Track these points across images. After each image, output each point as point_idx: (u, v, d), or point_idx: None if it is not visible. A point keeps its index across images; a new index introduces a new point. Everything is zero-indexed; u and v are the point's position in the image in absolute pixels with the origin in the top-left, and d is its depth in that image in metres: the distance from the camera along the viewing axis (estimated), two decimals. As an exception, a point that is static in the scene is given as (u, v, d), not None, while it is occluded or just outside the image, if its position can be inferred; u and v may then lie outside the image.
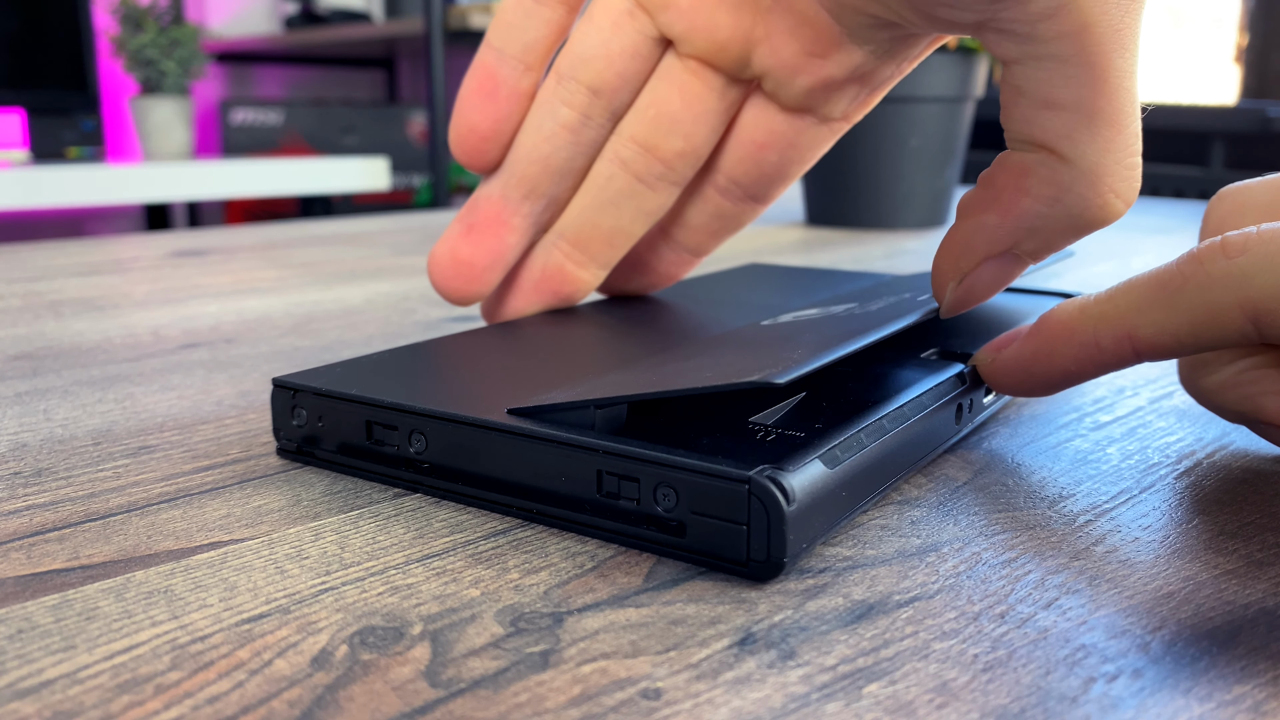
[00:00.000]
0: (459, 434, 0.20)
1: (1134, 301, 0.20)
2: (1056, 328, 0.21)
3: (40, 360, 0.32)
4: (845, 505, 0.19)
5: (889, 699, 0.14)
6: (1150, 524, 0.20)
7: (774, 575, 0.17)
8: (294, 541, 0.19)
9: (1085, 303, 0.21)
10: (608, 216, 0.28)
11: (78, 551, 0.18)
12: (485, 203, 0.28)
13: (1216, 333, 0.19)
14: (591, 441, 0.19)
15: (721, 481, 0.17)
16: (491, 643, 0.15)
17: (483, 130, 0.27)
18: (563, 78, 0.27)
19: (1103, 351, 0.21)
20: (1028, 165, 0.21)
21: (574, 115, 0.27)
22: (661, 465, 0.18)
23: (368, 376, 0.23)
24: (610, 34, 0.27)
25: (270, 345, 0.35)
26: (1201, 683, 0.14)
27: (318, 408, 0.22)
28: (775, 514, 0.17)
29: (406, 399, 0.21)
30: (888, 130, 0.66)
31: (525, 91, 0.27)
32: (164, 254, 0.56)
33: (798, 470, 0.17)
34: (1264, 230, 0.19)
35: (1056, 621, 0.16)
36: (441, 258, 0.28)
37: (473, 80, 0.27)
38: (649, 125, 0.27)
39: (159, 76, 1.84)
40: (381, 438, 0.21)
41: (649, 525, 0.18)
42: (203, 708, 0.14)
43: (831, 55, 0.25)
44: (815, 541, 0.18)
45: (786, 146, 0.28)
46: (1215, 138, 1.78)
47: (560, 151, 0.27)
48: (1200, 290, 0.19)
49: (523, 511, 0.20)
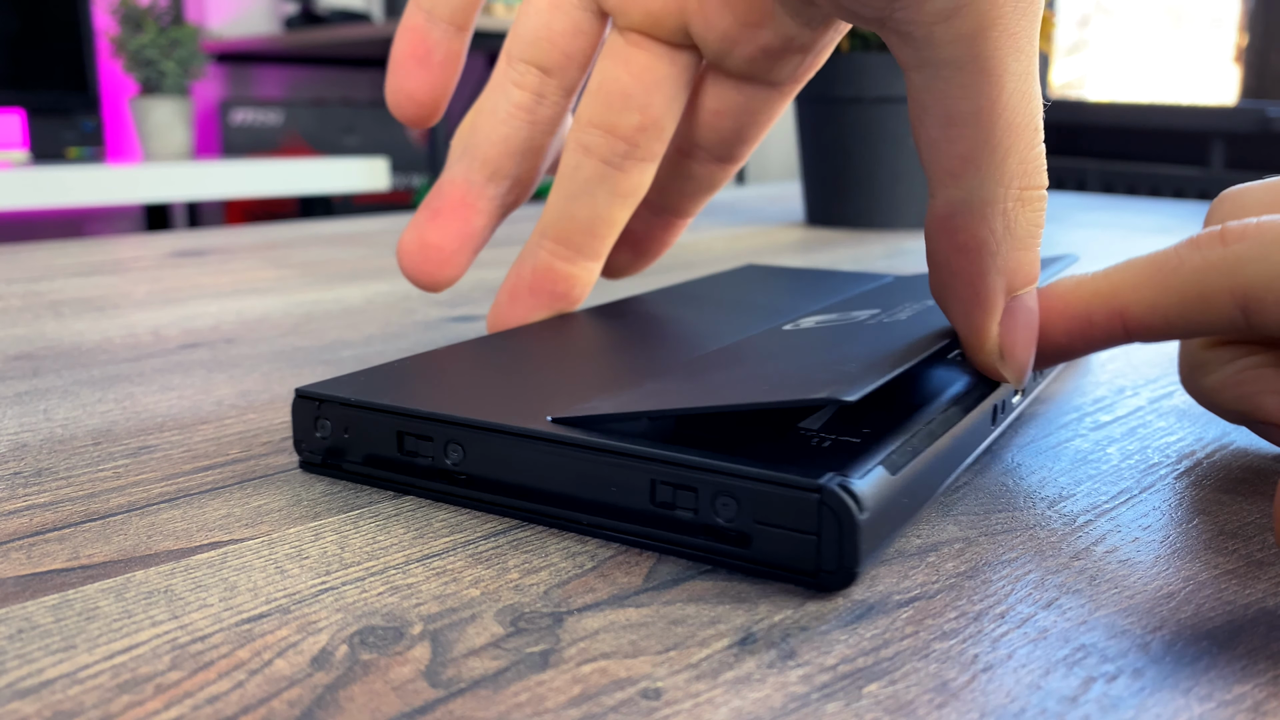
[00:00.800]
0: (500, 444, 0.19)
1: (1129, 279, 0.20)
2: (1052, 300, 0.21)
3: (40, 360, 0.32)
4: (908, 511, 0.18)
5: (889, 699, 0.14)
6: (1150, 524, 0.20)
7: (845, 585, 0.17)
8: (294, 541, 0.19)
9: (1082, 278, 0.21)
10: (583, 207, 0.28)
11: (78, 551, 0.18)
12: (449, 187, 0.28)
13: (1206, 317, 0.19)
14: (646, 450, 0.18)
15: (790, 490, 0.17)
16: (491, 643, 0.15)
17: (420, 97, 0.28)
18: (512, 59, 0.27)
19: (1094, 326, 0.21)
20: (954, 221, 0.20)
21: (527, 96, 0.27)
22: (723, 474, 0.17)
23: (395, 385, 0.22)
24: (550, 14, 0.27)
25: (270, 345, 0.35)
26: (1201, 683, 0.14)
27: (344, 418, 0.21)
28: (848, 523, 0.16)
29: (442, 408, 0.20)
30: (887, 130, 0.66)
31: (457, 52, 0.28)
32: (164, 254, 0.56)
33: (865, 477, 0.17)
34: (1264, 221, 0.19)
35: (1056, 621, 0.16)
36: (410, 244, 0.28)
37: (405, 44, 0.28)
38: (603, 105, 0.27)
39: (159, 77, 1.84)
40: (414, 449, 0.21)
41: (707, 535, 0.18)
42: (203, 708, 0.14)
43: (766, 25, 0.26)
44: (882, 550, 0.18)
45: (741, 113, 0.28)
46: (1215, 138, 1.78)
47: (519, 132, 0.27)
48: (1194, 273, 0.19)
49: (570, 524, 0.19)
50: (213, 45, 2.09)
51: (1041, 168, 0.20)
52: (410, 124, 0.28)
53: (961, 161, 0.20)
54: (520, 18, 0.27)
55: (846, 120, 0.66)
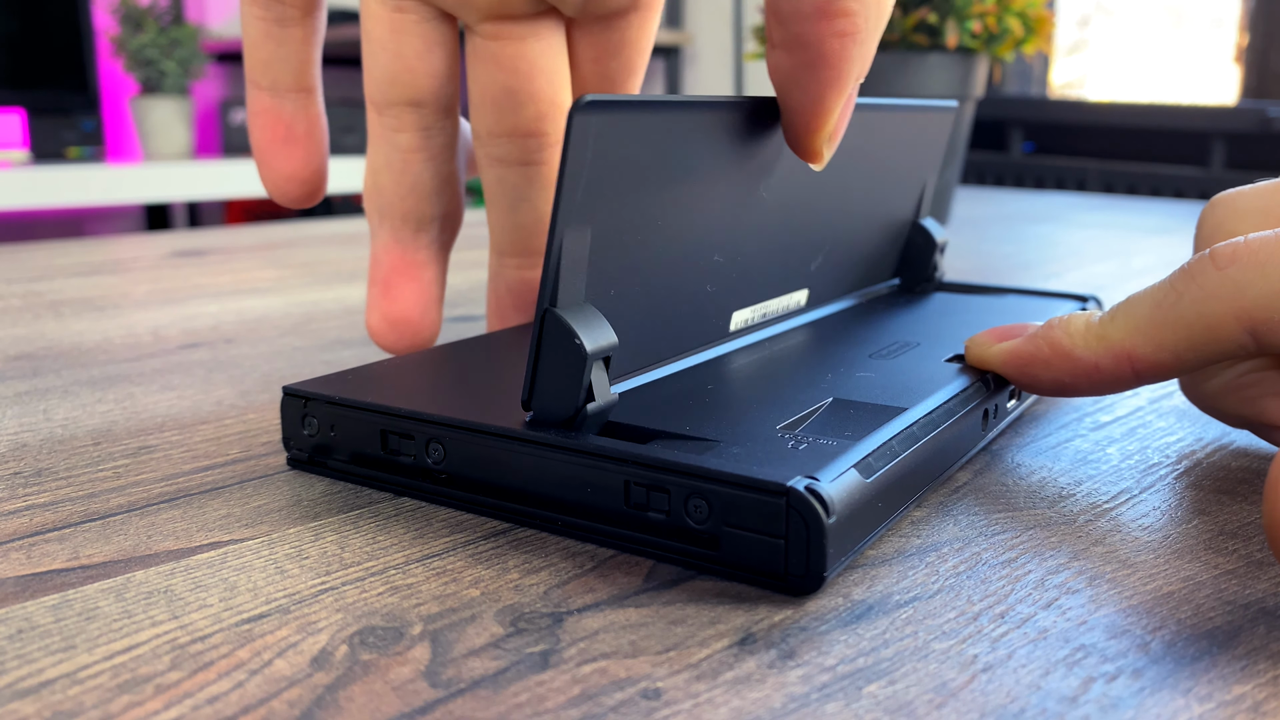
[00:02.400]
0: (479, 444, 0.20)
1: (1132, 322, 0.20)
2: (1061, 343, 0.21)
3: (40, 360, 0.32)
4: (882, 515, 0.18)
5: (889, 699, 0.14)
6: (1150, 524, 0.20)
7: (813, 589, 0.17)
8: (294, 541, 0.19)
9: (1089, 323, 0.21)
10: (524, 213, 0.27)
11: (78, 551, 0.18)
12: (385, 255, 0.27)
13: (1215, 346, 0.19)
14: (619, 450, 0.18)
15: (757, 493, 0.17)
16: (491, 643, 0.15)
17: (301, 174, 0.27)
18: (381, 107, 0.26)
19: (1101, 371, 0.21)
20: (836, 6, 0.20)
21: (413, 137, 0.26)
22: (694, 476, 0.17)
23: (381, 384, 0.22)
24: (396, 42, 0.25)
25: (270, 345, 0.35)
26: (1201, 683, 0.14)
27: (330, 416, 0.22)
28: (815, 527, 0.16)
29: (423, 407, 0.20)
30: (888, 130, 0.65)
31: (316, 116, 0.27)
32: (164, 254, 0.56)
33: (835, 481, 0.17)
34: (1252, 240, 0.19)
35: (1056, 621, 0.16)
36: (377, 325, 0.27)
37: (264, 130, 0.27)
38: (494, 112, 0.26)
39: (159, 76, 1.84)
40: (397, 447, 0.21)
41: (679, 538, 0.18)
42: (203, 708, 0.14)
43: None
44: (854, 554, 0.18)
45: (620, 47, 0.27)
46: (1215, 138, 1.78)
47: (423, 173, 0.27)
48: (1195, 305, 0.19)
49: (547, 524, 0.19)
50: (213, 45, 2.09)
51: None
52: (299, 204, 0.28)
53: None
54: (369, 59, 0.26)
55: (846, 120, 0.66)
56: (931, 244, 0.32)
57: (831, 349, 0.25)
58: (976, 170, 1.94)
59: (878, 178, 0.29)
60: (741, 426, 0.19)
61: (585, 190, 0.18)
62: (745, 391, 0.22)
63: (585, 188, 0.18)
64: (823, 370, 0.23)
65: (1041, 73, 2.14)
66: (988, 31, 0.63)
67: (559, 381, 0.19)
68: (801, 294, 0.28)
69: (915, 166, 0.31)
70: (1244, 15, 1.93)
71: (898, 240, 0.32)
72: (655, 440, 0.19)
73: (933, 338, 0.27)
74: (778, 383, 0.22)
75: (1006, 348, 0.22)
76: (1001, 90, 2.07)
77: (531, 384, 0.19)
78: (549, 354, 0.19)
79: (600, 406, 0.19)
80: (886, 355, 0.25)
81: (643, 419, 0.20)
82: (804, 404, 0.21)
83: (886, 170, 0.29)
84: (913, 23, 0.62)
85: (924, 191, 0.32)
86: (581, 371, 0.18)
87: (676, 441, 0.19)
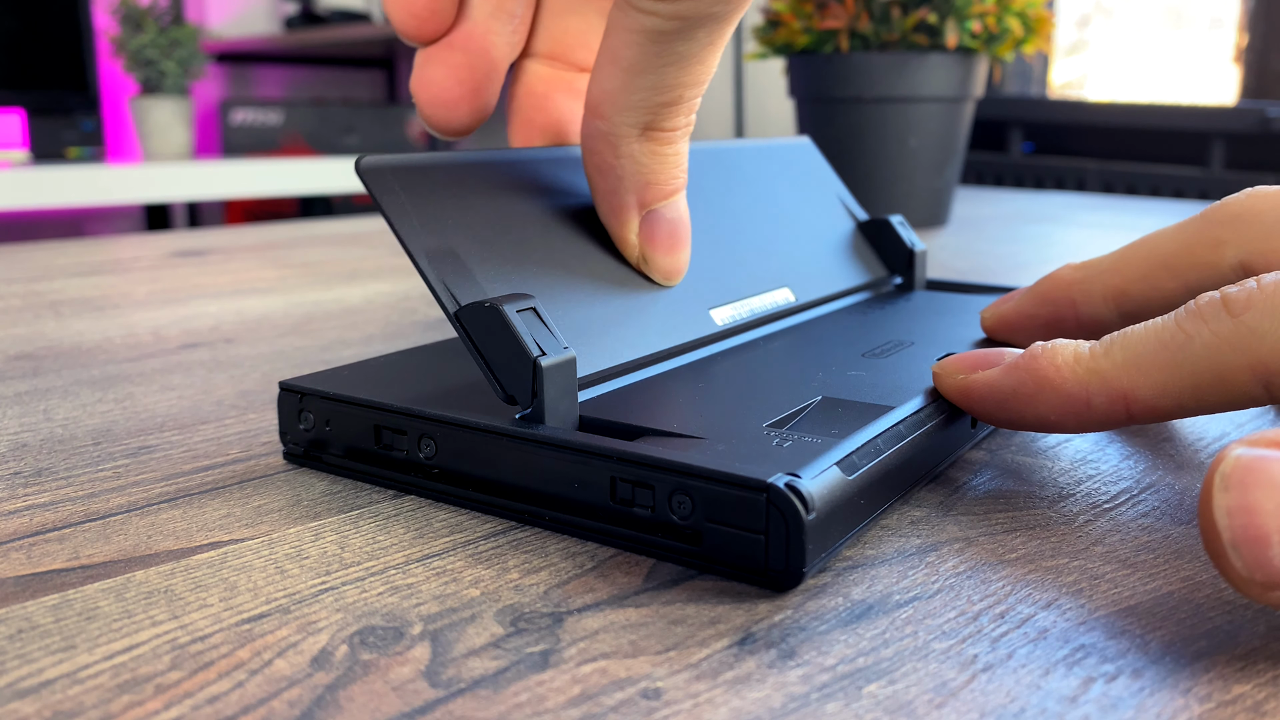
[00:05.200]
0: (469, 439, 0.20)
1: (1133, 360, 0.19)
2: (1047, 375, 0.19)
3: (40, 360, 0.32)
4: (864, 513, 0.18)
5: (888, 699, 0.14)
6: (1150, 524, 0.20)
7: (793, 585, 0.17)
8: (294, 541, 0.19)
9: (1079, 353, 0.19)
10: (574, 21, 0.26)
11: (78, 551, 0.18)
12: None
13: (1222, 396, 0.18)
14: (605, 446, 0.18)
15: (738, 489, 0.17)
16: (491, 643, 0.15)
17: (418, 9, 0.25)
18: None
19: (1092, 409, 0.19)
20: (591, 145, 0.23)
21: None
22: (678, 472, 0.17)
23: (376, 380, 0.23)
24: None
25: (270, 345, 0.35)
26: (1201, 683, 0.14)
27: (325, 411, 0.22)
28: (794, 523, 0.16)
29: (415, 403, 0.21)
30: (888, 130, 0.66)
31: None
32: (164, 254, 0.56)
33: (816, 478, 0.17)
34: (1265, 283, 0.18)
35: (1056, 621, 0.16)
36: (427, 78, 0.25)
37: None
38: None
39: (159, 76, 1.84)
40: (390, 442, 0.21)
41: (663, 533, 0.18)
42: (203, 708, 0.14)
43: None
44: (835, 550, 0.18)
45: None
46: (1215, 138, 1.78)
47: None
48: (1206, 351, 0.18)
49: (535, 519, 0.19)
50: (213, 45, 2.09)
51: (672, 116, 0.22)
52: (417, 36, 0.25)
53: (598, 98, 0.22)
54: None
55: (846, 120, 0.66)
56: (897, 236, 0.34)
57: (825, 348, 0.26)
58: (976, 170, 1.94)
59: (768, 194, 0.32)
60: (729, 424, 0.20)
61: (419, 217, 0.21)
62: (736, 390, 0.22)
63: (417, 216, 0.21)
64: (815, 369, 0.24)
65: (1041, 73, 2.14)
66: (987, 31, 0.63)
67: (505, 355, 0.19)
68: (785, 291, 0.28)
69: (812, 183, 0.34)
70: (1244, 15, 1.93)
71: (857, 240, 0.34)
72: (642, 437, 0.19)
73: (928, 337, 0.27)
74: (769, 381, 0.23)
75: (983, 379, 0.20)
76: (1001, 90, 2.07)
77: (494, 377, 0.19)
78: (481, 341, 0.19)
79: (557, 360, 0.19)
80: (880, 354, 0.25)
81: (632, 416, 0.20)
82: (793, 402, 0.21)
83: (776, 187, 0.32)
84: (913, 23, 0.62)
85: (845, 202, 0.35)
86: (507, 325, 0.19)
87: (663, 438, 0.19)
